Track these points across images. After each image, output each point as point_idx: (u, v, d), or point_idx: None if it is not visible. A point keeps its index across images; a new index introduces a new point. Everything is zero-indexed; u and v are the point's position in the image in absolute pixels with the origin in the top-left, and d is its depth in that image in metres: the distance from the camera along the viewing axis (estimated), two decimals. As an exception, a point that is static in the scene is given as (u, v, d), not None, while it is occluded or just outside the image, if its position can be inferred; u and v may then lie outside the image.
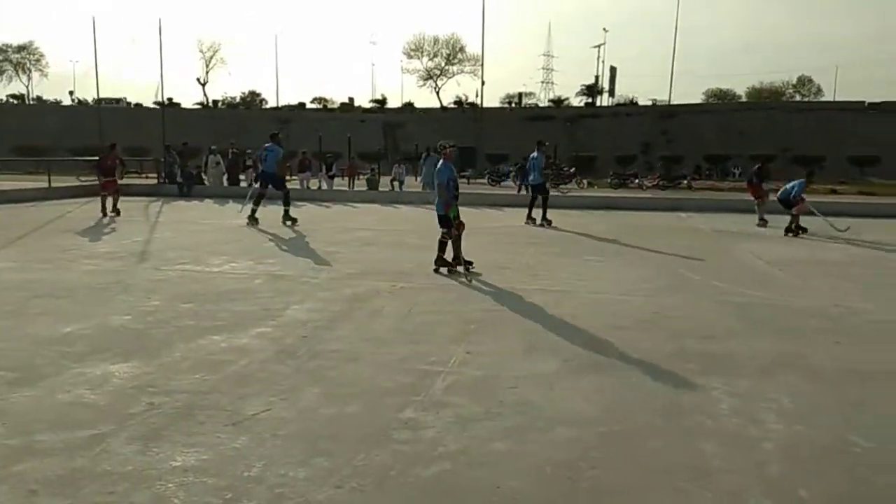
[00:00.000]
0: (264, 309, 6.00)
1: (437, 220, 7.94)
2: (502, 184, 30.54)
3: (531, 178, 13.51)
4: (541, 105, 74.05)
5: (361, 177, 28.46)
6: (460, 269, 7.76)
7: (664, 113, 55.85)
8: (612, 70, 66.30)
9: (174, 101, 68.11)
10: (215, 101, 77.70)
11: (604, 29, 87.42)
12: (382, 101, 72.54)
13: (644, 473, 3.08)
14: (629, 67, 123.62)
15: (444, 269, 7.91)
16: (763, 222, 13.79)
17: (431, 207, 8.44)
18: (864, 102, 54.66)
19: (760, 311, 6.31)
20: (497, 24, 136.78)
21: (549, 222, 13.19)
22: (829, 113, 52.75)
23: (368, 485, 2.92)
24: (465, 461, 3.16)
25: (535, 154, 13.33)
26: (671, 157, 44.18)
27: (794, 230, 12.50)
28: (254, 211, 12.53)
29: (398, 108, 69.15)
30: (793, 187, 12.78)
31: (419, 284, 7.30)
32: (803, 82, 78.95)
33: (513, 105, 71.12)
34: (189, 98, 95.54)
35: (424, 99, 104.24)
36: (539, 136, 17.53)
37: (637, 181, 31.06)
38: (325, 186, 23.08)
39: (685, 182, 29.36)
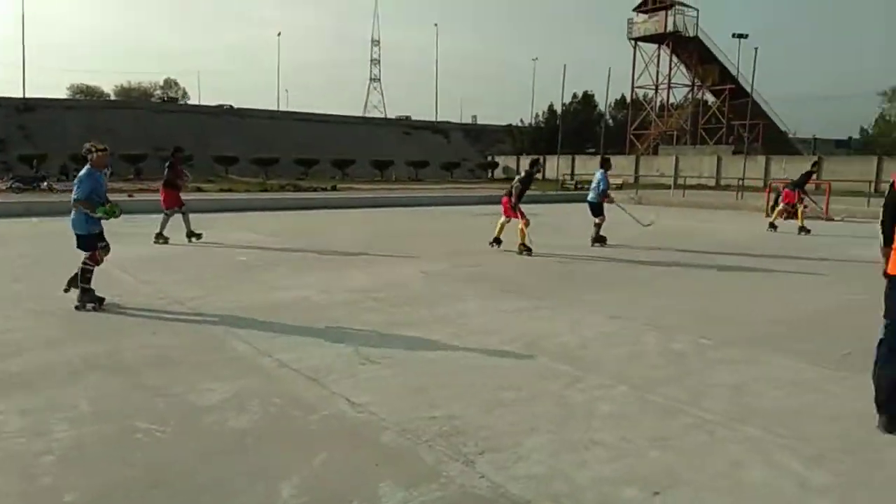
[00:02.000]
0: None
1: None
2: None
3: None
4: None
5: None
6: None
7: (21, 106, 49.44)
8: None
9: None
10: None
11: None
12: None
13: None
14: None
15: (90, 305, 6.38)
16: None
17: None
18: (223, 106, 60.72)
19: (90, 318, 6.20)
20: None
21: None
22: (197, 116, 56.55)
23: None
24: None
25: None
26: (35, 156, 39.56)
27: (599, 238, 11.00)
28: None
29: None
30: (598, 183, 10.82)
31: None
32: (170, 85, 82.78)
33: None
34: None
35: None
36: None
37: (-13, 183, 26.66)
38: None
39: (45, 184, 26.67)
